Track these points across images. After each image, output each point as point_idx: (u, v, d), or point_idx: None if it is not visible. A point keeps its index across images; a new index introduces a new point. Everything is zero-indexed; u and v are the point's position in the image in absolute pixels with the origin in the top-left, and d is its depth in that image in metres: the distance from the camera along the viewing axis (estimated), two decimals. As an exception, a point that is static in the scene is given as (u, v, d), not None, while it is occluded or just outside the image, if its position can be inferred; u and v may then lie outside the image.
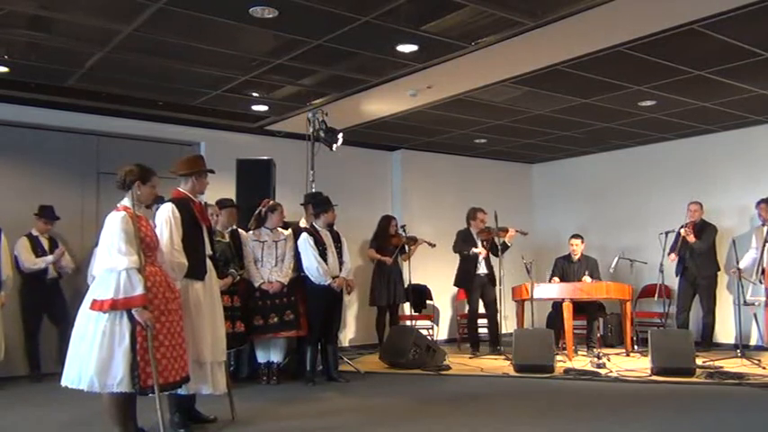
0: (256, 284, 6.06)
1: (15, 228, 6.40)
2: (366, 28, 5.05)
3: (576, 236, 8.17)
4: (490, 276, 7.86)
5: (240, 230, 6.33)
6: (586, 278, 7.74)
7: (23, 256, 6.38)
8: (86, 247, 6.85)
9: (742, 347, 6.86)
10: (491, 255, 7.82)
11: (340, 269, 6.23)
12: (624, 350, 7.63)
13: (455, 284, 8.28)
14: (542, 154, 10.23)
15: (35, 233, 6.55)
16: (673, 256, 7.68)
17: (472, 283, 7.94)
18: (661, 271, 7.19)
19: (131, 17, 4.83)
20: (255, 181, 6.95)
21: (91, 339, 3.70)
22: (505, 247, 7.91)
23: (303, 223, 6.82)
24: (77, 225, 6.97)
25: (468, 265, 7.98)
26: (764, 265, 6.98)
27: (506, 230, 7.84)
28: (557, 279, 7.91)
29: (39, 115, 6.94)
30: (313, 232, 6.17)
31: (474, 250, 7.88)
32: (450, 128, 8.44)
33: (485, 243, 7.89)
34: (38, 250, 6.50)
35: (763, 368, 6.32)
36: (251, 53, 5.68)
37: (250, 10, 4.70)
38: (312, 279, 6.09)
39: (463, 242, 7.99)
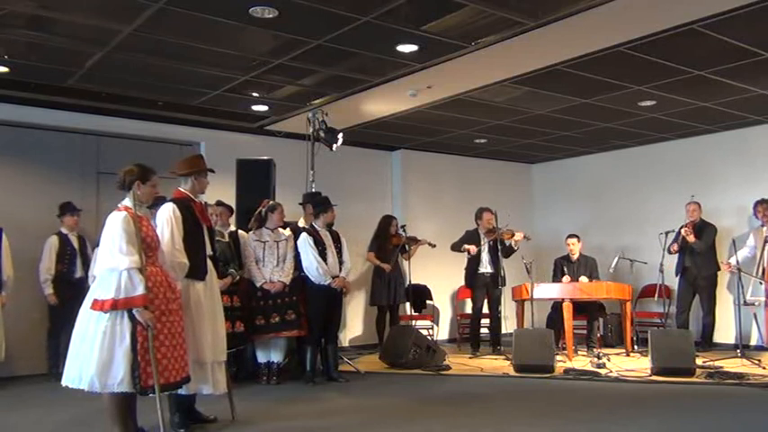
0: (258, 284, 6.07)
1: (15, 228, 6.39)
2: (366, 28, 5.05)
3: (572, 236, 8.16)
4: (493, 276, 7.86)
5: (240, 231, 6.34)
6: (583, 278, 7.74)
7: (43, 261, 6.45)
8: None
9: (742, 347, 6.87)
10: (499, 254, 7.79)
11: (340, 269, 6.23)
12: (624, 350, 7.63)
13: (464, 284, 8.29)
14: (542, 154, 10.24)
15: (65, 231, 6.61)
16: (675, 246, 7.67)
17: (475, 283, 7.94)
18: (661, 271, 7.19)
19: (131, 17, 4.83)
20: (255, 181, 6.94)
21: (92, 339, 3.70)
22: (511, 249, 7.90)
23: (302, 223, 6.83)
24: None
25: (471, 263, 8.00)
26: (765, 265, 6.99)
27: (512, 233, 7.83)
28: (568, 278, 7.85)
29: (39, 115, 6.94)
30: (312, 232, 6.18)
31: (465, 246, 7.89)
32: (450, 128, 8.45)
33: (491, 243, 7.88)
34: (67, 248, 6.56)
35: (763, 368, 6.32)
36: (251, 53, 5.68)
37: (250, 10, 4.70)
38: (312, 279, 6.10)
39: (464, 241, 7.99)
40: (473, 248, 7.86)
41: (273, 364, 6.16)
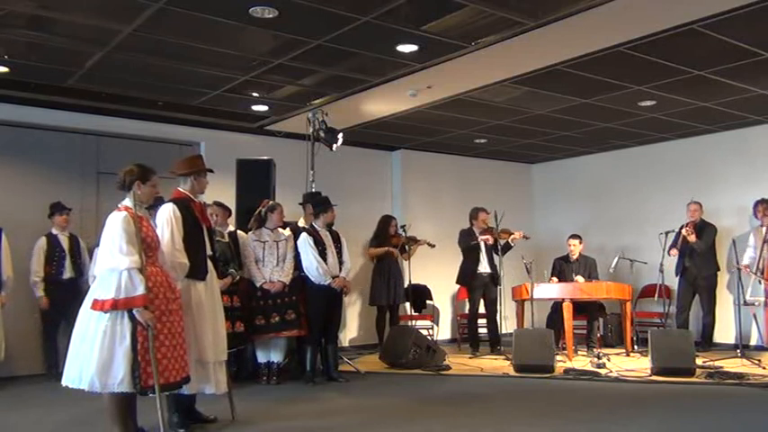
0: (258, 284, 6.07)
1: (15, 227, 6.40)
2: (366, 28, 5.05)
3: (574, 236, 8.16)
4: (493, 276, 7.86)
5: (239, 232, 6.34)
6: (579, 278, 7.73)
7: (33, 264, 6.43)
8: (86, 248, 6.84)
9: (742, 347, 6.87)
10: (494, 253, 7.80)
11: (340, 269, 6.23)
12: (624, 350, 7.63)
13: (457, 282, 8.29)
14: (542, 154, 10.24)
15: (55, 231, 6.59)
16: (674, 251, 7.67)
17: (474, 282, 7.94)
18: (661, 271, 7.19)
19: (131, 17, 4.83)
20: (255, 181, 6.94)
21: (92, 339, 3.70)
22: (508, 247, 7.90)
23: (302, 223, 6.83)
24: (77, 225, 6.95)
25: (469, 263, 7.98)
26: (764, 265, 6.99)
27: (509, 233, 7.83)
28: (555, 279, 7.91)
29: (39, 115, 6.94)
30: (312, 232, 6.18)
31: (481, 237, 7.87)
32: (450, 128, 8.44)
33: (487, 243, 7.88)
34: (56, 249, 6.53)
35: (763, 368, 6.32)
36: (251, 53, 5.68)
37: (250, 10, 4.70)
38: (312, 279, 6.10)
39: (466, 238, 7.99)
40: (489, 238, 7.83)
41: (273, 364, 6.16)
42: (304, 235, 6.16)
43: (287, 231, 6.35)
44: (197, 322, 4.23)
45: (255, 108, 7.43)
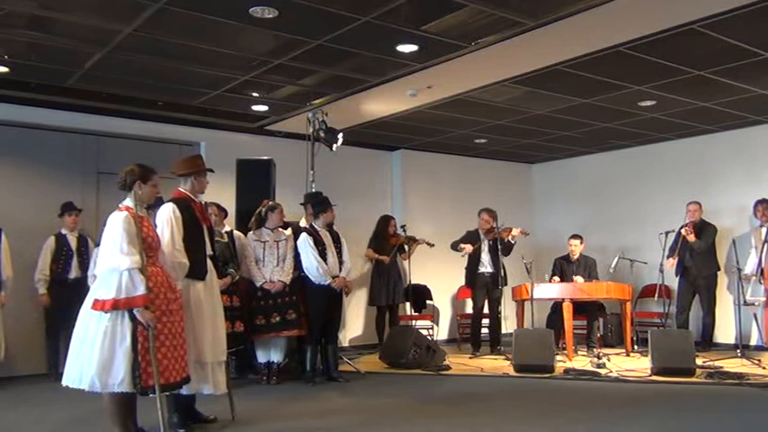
0: (258, 284, 6.07)
1: (15, 227, 6.40)
2: (366, 28, 5.05)
3: (575, 236, 8.16)
4: (494, 276, 7.86)
5: (236, 232, 6.34)
6: (578, 279, 7.73)
7: (39, 262, 6.47)
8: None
9: (742, 347, 6.87)
10: (499, 254, 7.80)
11: (340, 269, 6.23)
12: (624, 350, 7.63)
13: (465, 283, 8.32)
14: (542, 154, 10.24)
15: (64, 231, 6.62)
16: (671, 261, 7.66)
17: (475, 283, 7.95)
18: (661, 271, 7.19)
19: (131, 17, 4.83)
20: (255, 181, 6.95)
21: (92, 339, 3.70)
22: (509, 246, 7.90)
23: (303, 223, 6.83)
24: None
25: (471, 263, 8.01)
26: (764, 266, 7.00)
27: (509, 230, 7.84)
28: (557, 279, 7.91)
29: (39, 115, 6.94)
30: (312, 232, 6.18)
31: (461, 245, 7.91)
32: (450, 128, 8.44)
33: (491, 243, 7.89)
34: (64, 249, 6.56)
35: (763, 368, 6.32)
36: (251, 53, 5.68)
37: (250, 10, 4.70)
38: (312, 279, 6.10)
39: (462, 241, 8.00)
40: (468, 247, 7.87)
41: (273, 364, 6.16)
42: (304, 235, 6.16)
43: (287, 231, 6.35)
44: (196, 322, 4.23)
45: (255, 108, 7.43)
